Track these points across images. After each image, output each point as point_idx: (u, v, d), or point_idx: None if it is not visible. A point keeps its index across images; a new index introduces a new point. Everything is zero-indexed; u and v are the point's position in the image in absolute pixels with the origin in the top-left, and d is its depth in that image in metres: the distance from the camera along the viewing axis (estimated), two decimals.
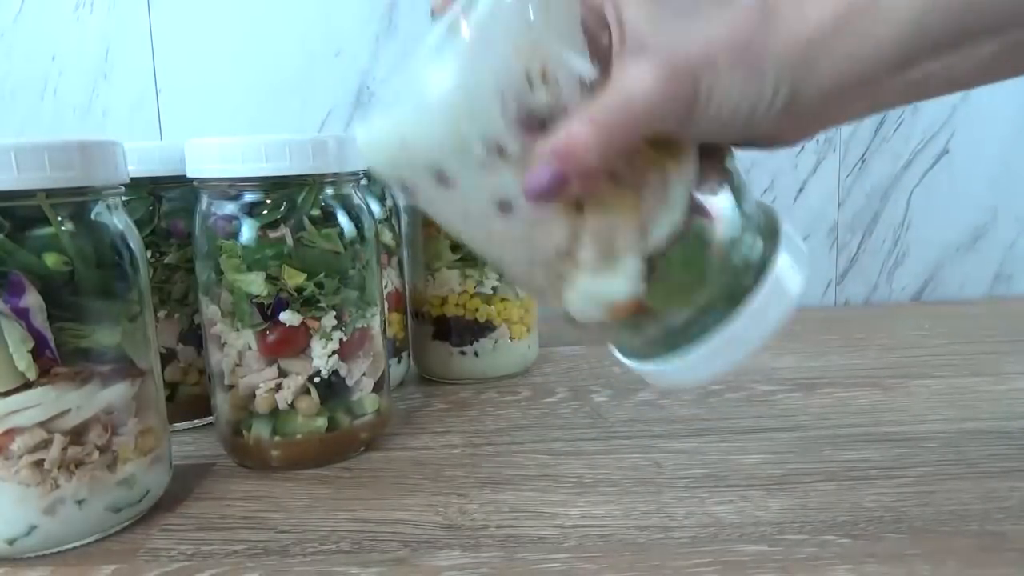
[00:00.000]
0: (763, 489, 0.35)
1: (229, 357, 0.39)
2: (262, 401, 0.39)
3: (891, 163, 0.77)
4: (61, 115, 0.72)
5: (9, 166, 0.29)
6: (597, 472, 0.38)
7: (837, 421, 0.44)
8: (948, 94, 0.25)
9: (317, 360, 0.39)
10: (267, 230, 0.38)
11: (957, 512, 0.32)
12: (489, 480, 0.38)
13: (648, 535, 0.32)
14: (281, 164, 0.37)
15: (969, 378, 0.50)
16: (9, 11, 0.70)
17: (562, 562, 0.30)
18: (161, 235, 0.45)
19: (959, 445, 0.39)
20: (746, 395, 0.49)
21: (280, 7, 0.71)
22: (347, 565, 0.30)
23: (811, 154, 0.76)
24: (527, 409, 0.48)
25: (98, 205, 0.33)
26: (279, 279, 0.38)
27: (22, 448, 0.30)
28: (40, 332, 0.30)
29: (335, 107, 0.73)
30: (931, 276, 0.79)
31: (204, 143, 0.38)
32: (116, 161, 0.33)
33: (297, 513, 0.35)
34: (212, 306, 0.39)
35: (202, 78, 0.72)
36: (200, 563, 0.31)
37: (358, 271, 0.40)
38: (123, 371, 0.33)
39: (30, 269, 0.30)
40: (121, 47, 0.71)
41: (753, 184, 0.76)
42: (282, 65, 0.72)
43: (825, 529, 0.31)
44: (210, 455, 0.42)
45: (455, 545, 0.32)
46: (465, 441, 0.43)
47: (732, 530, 0.32)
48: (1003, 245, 0.79)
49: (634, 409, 0.47)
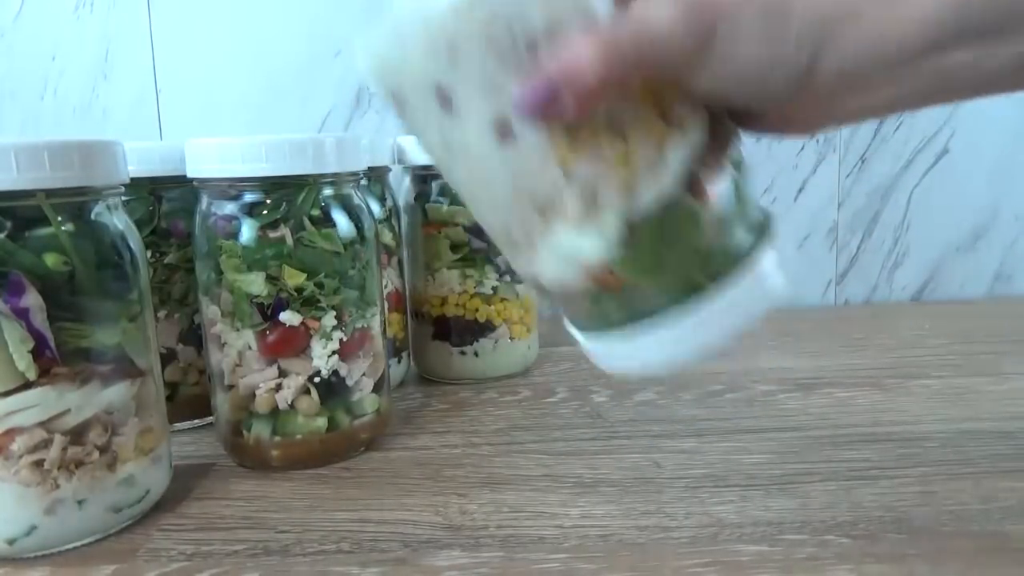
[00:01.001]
0: (763, 489, 0.35)
1: (229, 357, 0.39)
2: (262, 401, 0.39)
3: (891, 163, 0.77)
4: (61, 115, 0.72)
5: (9, 166, 0.29)
6: (597, 472, 0.38)
7: (837, 421, 0.44)
8: (972, 98, 0.24)
9: (317, 360, 0.39)
10: (267, 230, 0.38)
11: (957, 512, 0.32)
12: (489, 480, 0.38)
13: (648, 535, 0.32)
14: (281, 164, 0.37)
15: (969, 378, 0.50)
16: (9, 11, 0.70)
17: (562, 562, 0.30)
18: (161, 235, 0.45)
19: (959, 445, 0.39)
20: (746, 395, 0.49)
21: (280, 7, 0.71)
22: (347, 565, 0.30)
23: (811, 154, 0.76)
24: (527, 409, 0.48)
25: (98, 205, 0.33)
26: (279, 279, 0.38)
27: (22, 448, 0.30)
28: (40, 332, 0.30)
29: (335, 107, 0.73)
30: (931, 276, 0.79)
31: (204, 143, 0.38)
32: (116, 161, 0.33)
33: (297, 513, 0.35)
34: (212, 306, 0.39)
35: (202, 78, 0.72)
36: (200, 563, 0.31)
37: (358, 271, 0.40)
38: (123, 371, 0.33)
39: (30, 269, 0.30)
40: (121, 47, 0.71)
41: (753, 184, 0.76)
42: (282, 65, 0.72)
43: (825, 529, 0.31)
44: (210, 455, 0.42)
45: (455, 545, 0.32)
46: (465, 441, 0.43)
47: (732, 530, 0.32)
48: (1003, 245, 0.79)
49: (634, 409, 0.47)
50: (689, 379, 0.52)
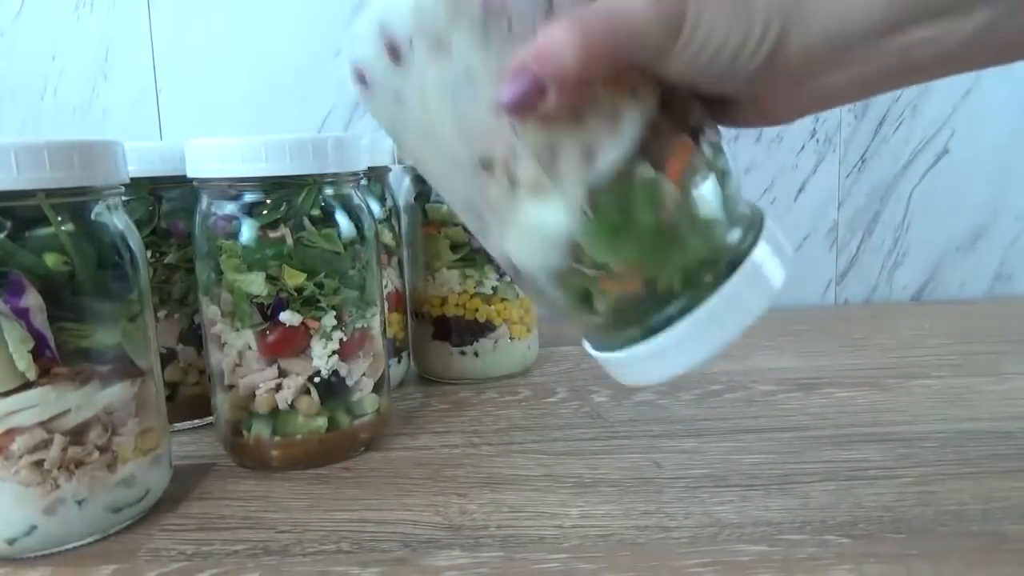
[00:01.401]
0: (763, 489, 0.35)
1: (229, 357, 0.39)
2: (262, 401, 0.39)
3: (891, 163, 0.77)
4: (61, 115, 0.72)
5: (9, 166, 0.29)
6: (597, 472, 0.38)
7: (837, 421, 0.44)
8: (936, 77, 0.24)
9: (317, 360, 0.39)
10: (267, 230, 0.38)
11: (957, 512, 0.32)
12: (489, 480, 0.38)
13: (648, 535, 0.32)
14: (281, 164, 0.37)
15: (969, 378, 0.50)
16: (9, 11, 0.70)
17: (562, 562, 0.30)
18: (161, 235, 0.45)
19: (959, 445, 0.39)
20: (746, 395, 0.49)
21: (280, 7, 0.71)
22: (347, 565, 0.30)
23: (811, 154, 0.76)
24: (527, 409, 0.48)
25: (98, 205, 0.33)
26: (279, 279, 0.38)
27: (22, 448, 0.30)
28: (40, 332, 0.30)
29: (335, 107, 0.73)
30: (931, 276, 0.79)
31: (204, 143, 0.38)
32: (116, 161, 0.33)
33: (297, 513, 0.35)
34: (212, 306, 0.39)
35: (202, 78, 0.72)
36: (200, 563, 0.31)
37: (358, 271, 0.40)
38: (123, 371, 0.33)
39: (30, 269, 0.30)
40: (121, 47, 0.71)
41: (753, 185, 0.76)
42: (282, 65, 0.72)
43: (825, 529, 0.31)
44: (210, 455, 0.42)
45: (455, 545, 0.32)
46: (465, 441, 0.43)
47: (732, 530, 0.32)
48: (1003, 244, 0.79)
49: (634, 409, 0.47)
50: (689, 379, 0.52)
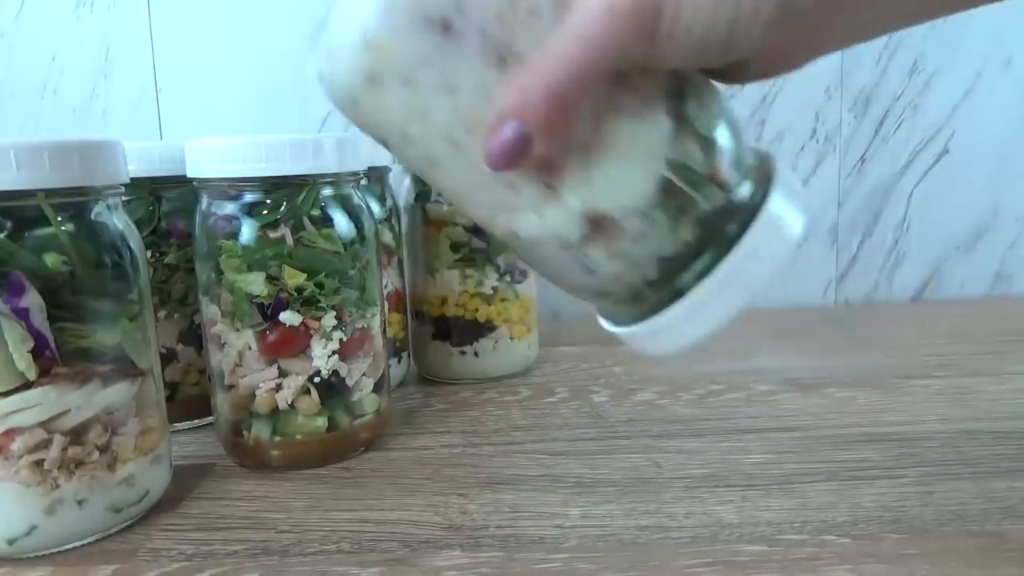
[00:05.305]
0: (763, 489, 0.35)
1: (229, 357, 0.39)
2: (262, 401, 0.39)
3: (891, 163, 0.77)
4: (61, 115, 0.72)
5: (9, 166, 0.29)
6: (597, 472, 0.38)
7: (837, 421, 0.44)
8: (953, 11, 0.23)
9: (317, 360, 0.39)
10: (267, 230, 0.38)
11: (957, 512, 0.32)
12: (489, 480, 0.38)
13: (648, 535, 0.32)
14: (281, 164, 0.37)
15: (969, 378, 0.50)
16: (9, 11, 0.70)
17: (562, 562, 0.30)
18: (161, 235, 0.45)
19: (959, 445, 0.39)
20: (746, 395, 0.49)
21: (280, 7, 0.71)
22: (347, 565, 0.30)
23: (811, 154, 0.76)
24: (527, 409, 0.48)
25: (98, 205, 0.33)
26: (279, 279, 0.38)
27: (22, 448, 0.30)
28: (40, 332, 0.30)
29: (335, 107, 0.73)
30: (931, 276, 0.79)
31: (204, 143, 0.38)
32: (116, 161, 0.33)
33: (297, 513, 0.35)
34: (212, 306, 0.39)
35: (202, 78, 0.72)
36: (200, 563, 0.31)
37: (358, 271, 0.40)
38: (123, 371, 0.33)
39: (30, 269, 0.30)
40: (121, 47, 0.71)
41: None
42: (282, 65, 0.72)
43: (825, 529, 0.31)
44: (210, 455, 0.42)
45: (455, 545, 0.32)
46: (465, 441, 0.43)
47: (732, 530, 0.32)
48: (1003, 245, 0.79)
49: (634, 409, 0.47)
50: (689, 379, 0.52)
